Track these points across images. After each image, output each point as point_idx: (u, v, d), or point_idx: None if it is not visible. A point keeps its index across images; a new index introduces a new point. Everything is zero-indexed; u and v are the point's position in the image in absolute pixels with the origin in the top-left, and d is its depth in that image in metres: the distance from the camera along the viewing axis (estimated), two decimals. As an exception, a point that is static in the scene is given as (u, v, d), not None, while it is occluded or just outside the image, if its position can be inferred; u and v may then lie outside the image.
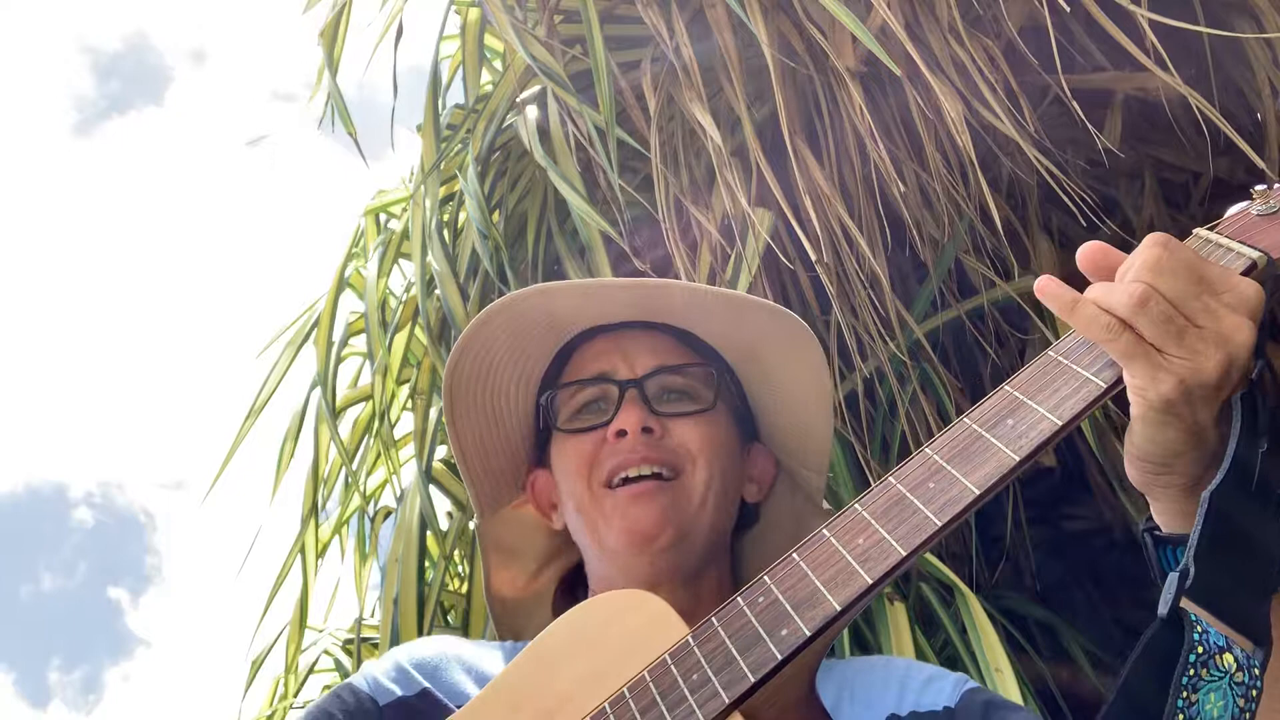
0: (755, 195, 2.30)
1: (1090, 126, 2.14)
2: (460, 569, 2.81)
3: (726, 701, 0.88)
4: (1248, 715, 0.78)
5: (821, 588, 0.90)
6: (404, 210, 2.88)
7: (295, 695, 2.80)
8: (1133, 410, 0.90)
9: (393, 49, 2.56)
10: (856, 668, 1.21)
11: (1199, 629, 0.78)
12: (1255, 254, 0.92)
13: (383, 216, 3.11)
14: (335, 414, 2.70)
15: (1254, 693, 0.78)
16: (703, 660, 0.92)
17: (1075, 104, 2.10)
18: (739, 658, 0.90)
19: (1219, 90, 2.46)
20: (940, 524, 0.88)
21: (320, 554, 2.78)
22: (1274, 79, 2.51)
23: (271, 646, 2.81)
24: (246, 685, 2.80)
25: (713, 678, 0.90)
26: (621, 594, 1.08)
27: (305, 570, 2.74)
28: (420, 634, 2.39)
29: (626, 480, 1.21)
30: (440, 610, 2.64)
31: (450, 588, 2.77)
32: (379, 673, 1.20)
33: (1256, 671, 0.79)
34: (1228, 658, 0.78)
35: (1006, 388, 0.93)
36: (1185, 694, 0.76)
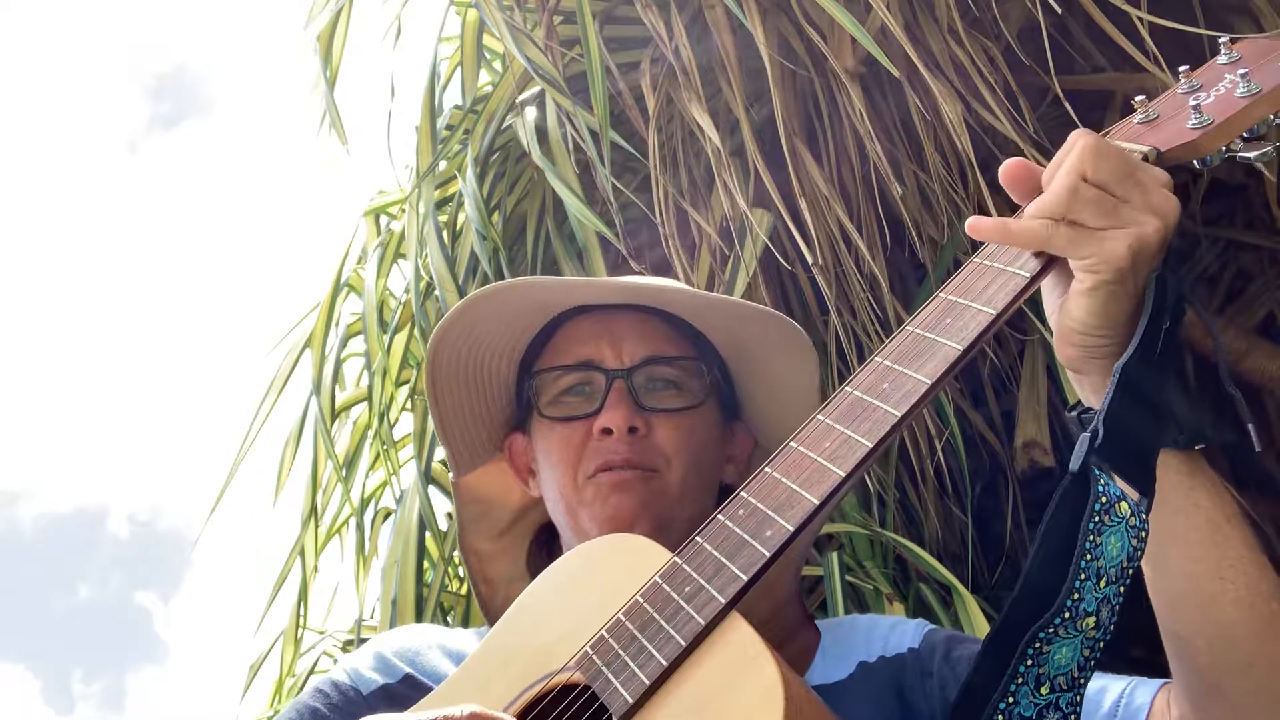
0: (754, 196, 2.30)
1: (1087, 129, 2.14)
2: (460, 570, 2.80)
3: (723, 602, 0.91)
4: (1139, 553, 0.88)
5: (798, 489, 0.94)
6: (403, 211, 2.87)
7: (297, 695, 2.79)
8: (1079, 287, 0.96)
9: (391, 50, 2.57)
10: (825, 627, 1.23)
11: (1102, 482, 0.88)
12: (1146, 149, 1.02)
13: (383, 219, 3.11)
14: (330, 421, 2.70)
15: (1144, 534, 0.88)
16: (693, 573, 0.94)
17: (1075, 105, 2.09)
18: (728, 563, 0.93)
19: (1218, 91, 2.45)
20: (900, 415, 0.93)
21: (317, 557, 2.78)
22: (1273, 79, 2.50)
23: (269, 650, 2.80)
24: (244, 689, 2.81)
25: (706, 585, 0.93)
26: (601, 539, 1.10)
27: (304, 574, 2.73)
28: (419, 635, 2.38)
29: (610, 468, 1.22)
30: (440, 611, 2.64)
31: (450, 589, 2.77)
32: (359, 664, 1.21)
33: (1144, 516, 0.89)
34: (1123, 506, 0.88)
35: (940, 294, 1.00)
36: (1091, 537, 0.86)
